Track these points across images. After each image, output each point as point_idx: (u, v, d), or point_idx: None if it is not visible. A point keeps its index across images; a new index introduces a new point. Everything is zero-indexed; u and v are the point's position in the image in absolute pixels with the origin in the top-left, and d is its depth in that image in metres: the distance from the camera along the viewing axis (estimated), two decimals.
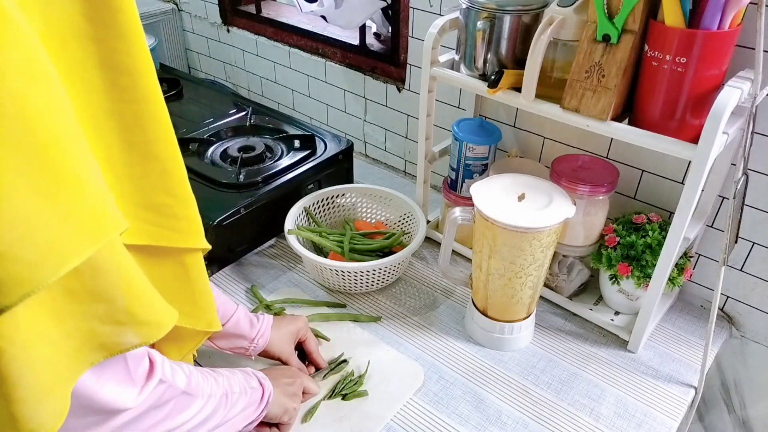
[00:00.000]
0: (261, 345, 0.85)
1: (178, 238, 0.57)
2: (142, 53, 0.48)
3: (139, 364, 0.54)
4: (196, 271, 0.62)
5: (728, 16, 0.71)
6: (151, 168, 0.52)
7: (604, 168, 0.96)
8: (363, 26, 1.38)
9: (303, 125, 1.36)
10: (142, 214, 0.53)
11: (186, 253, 0.59)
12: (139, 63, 0.48)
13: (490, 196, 0.85)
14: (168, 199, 0.54)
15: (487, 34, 0.90)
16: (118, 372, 0.51)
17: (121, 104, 0.48)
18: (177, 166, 0.55)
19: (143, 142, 0.51)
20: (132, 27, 0.46)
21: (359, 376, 0.89)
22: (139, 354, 0.54)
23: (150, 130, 0.51)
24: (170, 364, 0.60)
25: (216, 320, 0.68)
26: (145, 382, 0.55)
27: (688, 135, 0.78)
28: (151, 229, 0.54)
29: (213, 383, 0.65)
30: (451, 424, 0.84)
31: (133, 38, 0.46)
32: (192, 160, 1.20)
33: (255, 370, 0.75)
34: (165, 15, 1.82)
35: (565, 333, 1.00)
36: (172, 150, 0.53)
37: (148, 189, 0.52)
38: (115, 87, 0.47)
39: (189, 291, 0.62)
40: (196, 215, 0.59)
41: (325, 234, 1.11)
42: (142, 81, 0.48)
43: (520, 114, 1.14)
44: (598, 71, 0.79)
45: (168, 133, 0.52)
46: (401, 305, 1.05)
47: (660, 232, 0.92)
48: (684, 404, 0.89)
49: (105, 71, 0.46)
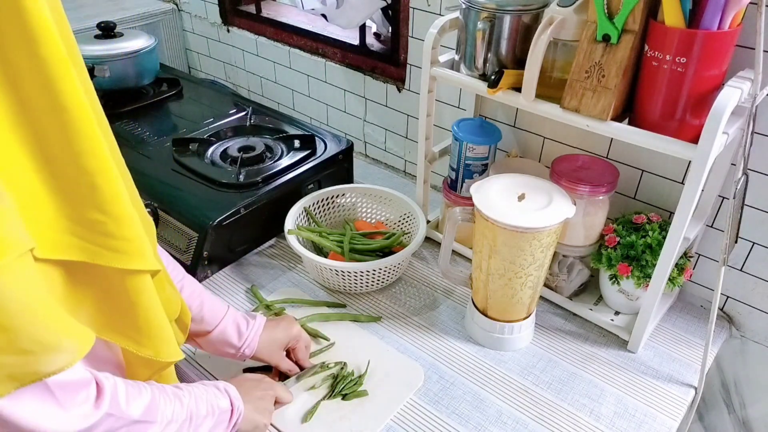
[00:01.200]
0: (248, 354, 0.84)
1: (114, 258, 0.52)
2: (54, 56, 0.43)
3: (77, 391, 0.51)
4: (137, 295, 0.56)
5: (728, 16, 0.71)
6: (80, 182, 0.48)
7: (604, 168, 0.96)
8: (363, 26, 1.38)
9: (303, 125, 1.36)
10: (74, 228, 0.49)
11: (126, 274, 0.55)
12: (51, 68, 0.43)
13: (490, 196, 0.85)
14: (100, 216, 0.50)
15: (487, 34, 0.89)
16: (41, 399, 0.48)
17: (34, 111, 0.44)
18: (108, 182, 0.50)
19: (68, 155, 0.47)
20: (39, 28, 0.41)
21: (359, 376, 0.89)
22: (76, 381, 0.51)
23: (74, 143, 0.47)
24: (127, 388, 0.57)
25: (166, 350, 0.62)
26: (91, 410, 0.52)
27: (688, 135, 0.78)
28: (85, 245, 0.50)
29: (176, 405, 0.62)
30: (451, 424, 0.84)
31: (41, 41, 0.42)
32: (192, 160, 1.21)
33: (228, 385, 0.72)
34: (165, 15, 1.82)
35: (565, 333, 1.00)
36: (102, 164, 0.49)
37: (78, 204, 0.49)
38: (23, 93, 0.43)
39: (130, 315, 0.57)
40: (135, 235, 0.54)
41: (325, 234, 1.11)
42: (56, 86, 0.44)
43: (520, 114, 1.14)
44: (598, 71, 0.79)
45: (96, 145, 0.48)
46: (401, 305, 1.05)
47: (660, 232, 0.92)
48: (684, 404, 0.89)
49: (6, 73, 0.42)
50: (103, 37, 1.44)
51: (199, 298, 0.81)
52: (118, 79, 1.43)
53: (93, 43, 1.41)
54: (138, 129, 1.35)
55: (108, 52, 1.40)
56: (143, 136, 1.31)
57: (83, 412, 0.51)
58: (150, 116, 1.42)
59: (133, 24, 1.70)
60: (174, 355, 0.63)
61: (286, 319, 0.91)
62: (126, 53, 1.42)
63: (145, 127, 1.35)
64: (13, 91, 0.43)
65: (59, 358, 0.47)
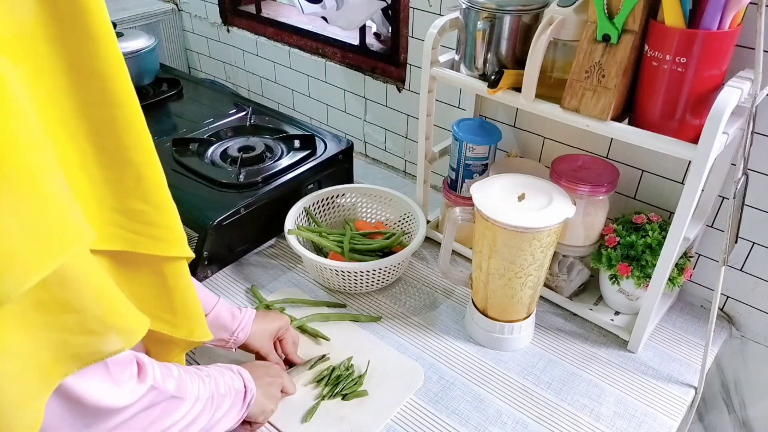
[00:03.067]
0: (241, 338, 0.85)
1: (155, 246, 0.56)
2: (112, 56, 0.47)
3: (125, 368, 0.54)
4: (175, 280, 0.60)
5: (728, 16, 0.71)
6: (126, 174, 0.51)
7: (604, 168, 0.96)
8: (363, 26, 1.38)
9: (303, 125, 1.36)
10: (118, 219, 0.52)
11: (165, 261, 0.58)
12: (109, 66, 0.47)
13: (490, 196, 0.85)
14: (144, 206, 0.54)
15: (487, 34, 0.90)
16: (100, 376, 0.51)
17: (91, 108, 0.47)
18: (153, 173, 0.54)
19: (116, 147, 0.50)
20: (101, 29, 0.45)
21: (359, 376, 0.89)
22: (124, 359, 0.54)
23: (123, 135, 0.50)
24: (160, 367, 0.59)
25: (200, 330, 0.66)
26: (136, 385, 0.54)
27: (688, 135, 0.78)
28: (127, 235, 0.53)
29: (200, 385, 0.65)
30: (451, 424, 0.84)
31: (102, 40, 0.46)
32: (192, 160, 1.20)
33: (241, 368, 0.75)
34: (165, 15, 1.82)
35: (565, 333, 1.00)
36: (148, 156, 0.53)
37: (123, 194, 0.52)
38: (85, 90, 0.46)
39: (167, 299, 0.60)
40: (175, 223, 0.58)
41: (325, 234, 1.11)
42: (113, 84, 0.47)
43: (520, 114, 1.14)
44: (598, 71, 0.79)
45: (143, 138, 0.52)
46: (401, 305, 1.05)
47: (660, 232, 0.92)
48: (684, 404, 0.89)
49: (73, 74, 0.45)
50: None
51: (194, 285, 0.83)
52: None
53: None
54: None
55: None
56: None
57: (131, 388, 0.54)
58: (150, 116, 1.38)
59: (133, 24, 1.70)
60: (206, 334, 0.67)
61: (274, 311, 0.95)
62: (126, 53, 1.42)
63: None
64: (78, 89, 0.46)
65: (120, 339, 0.50)
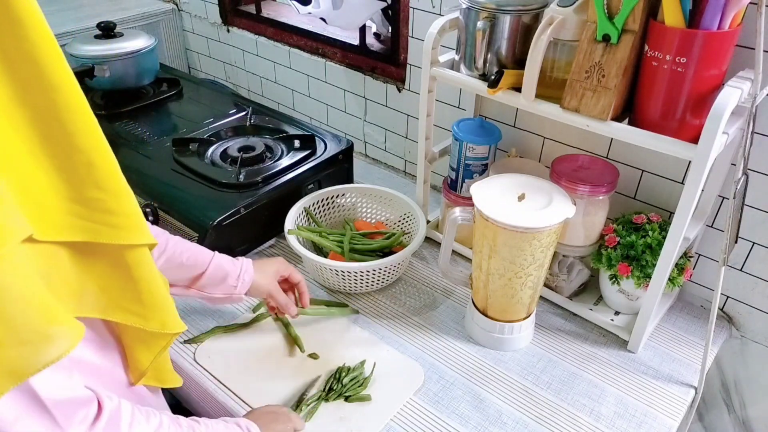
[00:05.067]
0: (248, 280, 0.85)
1: (115, 234, 0.54)
2: (43, 40, 0.45)
3: (77, 410, 0.51)
4: (140, 269, 0.58)
5: (728, 16, 0.71)
6: (76, 161, 0.50)
7: (604, 168, 0.96)
8: (363, 26, 1.38)
9: (303, 125, 1.36)
10: (74, 208, 0.50)
11: (127, 249, 0.56)
12: (41, 50, 0.45)
13: (490, 196, 0.85)
14: (99, 194, 0.52)
15: (487, 34, 0.90)
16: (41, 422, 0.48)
17: (29, 95, 0.46)
18: (104, 159, 0.52)
19: (62, 134, 0.48)
20: (26, 11, 0.44)
21: (364, 379, 0.89)
22: (75, 400, 0.51)
23: (67, 121, 0.48)
24: (133, 413, 0.56)
25: (172, 321, 0.63)
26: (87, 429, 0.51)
27: (688, 135, 0.78)
28: (86, 224, 0.52)
29: None
30: (451, 424, 0.84)
31: (31, 25, 0.44)
32: (192, 160, 1.20)
33: (250, 423, 0.70)
34: (165, 15, 1.82)
35: (565, 333, 1.00)
36: (96, 142, 0.51)
37: (76, 183, 0.50)
38: (19, 76, 0.45)
39: (133, 290, 0.58)
40: (133, 209, 0.56)
41: (325, 234, 1.11)
42: (48, 68, 0.46)
43: (520, 114, 1.14)
44: (598, 71, 0.79)
45: (89, 124, 0.50)
46: (401, 305, 1.05)
47: (660, 232, 0.92)
48: (684, 404, 0.89)
49: (5, 61, 0.44)
50: (103, 37, 1.43)
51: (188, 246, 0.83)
52: (118, 79, 1.43)
53: (93, 43, 1.41)
54: (138, 129, 1.34)
55: (108, 52, 1.40)
56: (143, 136, 1.31)
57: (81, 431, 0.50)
58: (150, 116, 1.42)
59: (133, 24, 1.70)
60: (179, 326, 0.65)
61: (265, 258, 0.95)
62: (126, 53, 1.42)
63: (145, 127, 1.35)
64: (12, 75, 0.45)
65: (55, 348, 0.47)
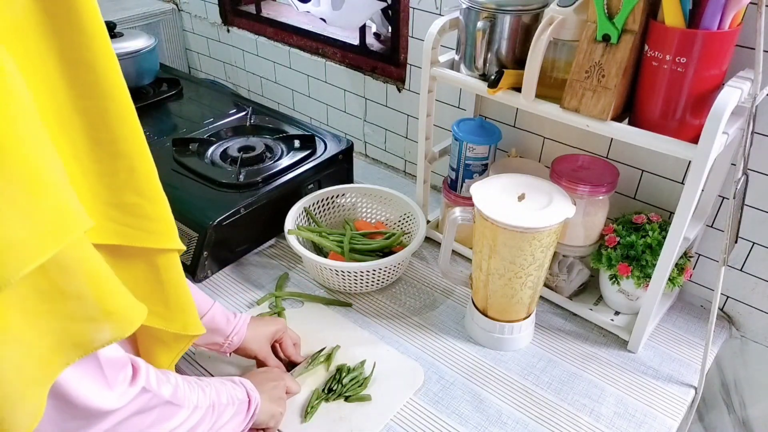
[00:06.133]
0: (236, 342, 0.85)
1: (149, 239, 0.56)
2: (103, 49, 0.47)
3: (119, 371, 0.53)
4: (168, 273, 0.60)
5: (728, 16, 0.71)
6: (119, 166, 0.51)
7: (604, 168, 0.96)
8: (363, 26, 1.38)
9: (303, 125, 1.36)
10: (111, 213, 0.52)
11: (158, 253, 0.58)
12: (100, 58, 0.47)
13: (490, 196, 0.85)
14: (137, 199, 0.54)
15: (487, 34, 0.90)
16: (94, 377, 0.51)
17: (85, 100, 0.47)
18: (145, 165, 0.54)
19: (109, 140, 0.50)
20: (92, 21, 0.46)
21: (364, 379, 0.89)
22: (119, 360, 0.54)
23: (116, 128, 0.50)
24: (156, 373, 0.59)
25: (194, 323, 0.66)
26: (128, 388, 0.54)
27: (688, 135, 0.78)
28: (120, 228, 0.53)
29: (200, 394, 0.64)
30: (451, 424, 0.84)
31: (93, 33, 0.46)
32: (192, 160, 1.20)
33: (242, 379, 0.74)
34: (165, 15, 1.81)
35: (565, 333, 1.00)
36: (140, 148, 0.53)
37: (116, 188, 0.52)
38: (78, 82, 0.46)
39: (160, 292, 0.60)
40: (167, 215, 0.58)
41: (325, 234, 1.11)
42: (105, 76, 0.48)
43: (520, 114, 1.14)
44: (598, 71, 0.79)
45: (135, 130, 0.52)
46: (401, 305, 1.05)
47: (660, 232, 0.92)
48: (684, 404, 0.89)
49: (66, 66, 0.45)
50: None
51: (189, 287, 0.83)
52: None
53: None
54: None
55: None
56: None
57: (122, 390, 0.53)
58: (150, 116, 1.42)
59: (133, 24, 1.70)
60: (199, 328, 0.67)
61: (270, 316, 0.95)
62: (126, 53, 1.42)
63: (145, 127, 1.32)
64: (72, 82, 0.46)
65: (117, 327, 0.49)
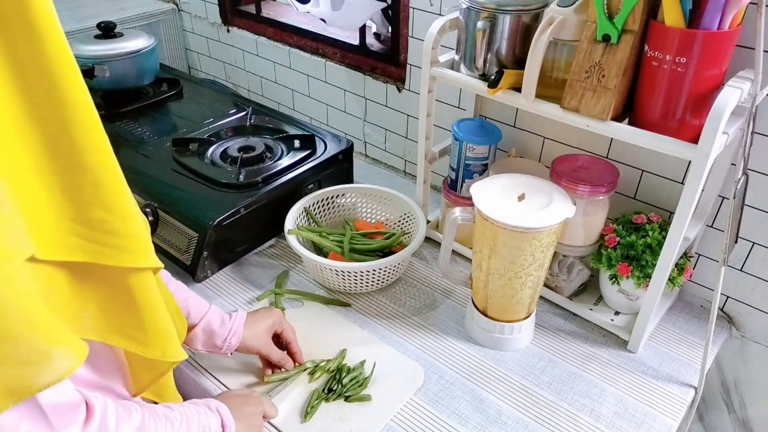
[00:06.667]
0: (234, 343, 0.84)
1: (119, 257, 0.52)
2: (60, 55, 0.44)
3: (68, 414, 0.50)
4: (143, 293, 0.56)
5: (728, 16, 0.71)
6: (84, 180, 0.48)
7: (604, 168, 0.96)
8: (363, 26, 1.38)
9: (303, 125, 1.36)
10: (78, 229, 0.49)
11: (131, 273, 0.54)
12: (57, 65, 0.44)
13: (490, 196, 0.85)
14: (105, 215, 0.50)
15: (487, 34, 0.90)
16: (36, 423, 0.47)
17: (41, 110, 0.45)
18: (113, 179, 0.50)
19: (72, 152, 0.47)
20: (47, 26, 0.43)
21: (364, 379, 0.89)
22: (68, 404, 0.50)
23: (78, 139, 0.47)
24: (117, 411, 0.56)
25: (173, 349, 0.62)
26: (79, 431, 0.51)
27: (688, 135, 0.78)
28: (89, 245, 0.50)
29: (168, 428, 0.61)
30: (451, 424, 0.84)
31: (49, 39, 0.43)
32: (192, 160, 1.20)
33: (219, 405, 0.71)
34: (165, 15, 1.82)
35: (565, 333, 1.00)
36: (106, 161, 0.49)
37: (82, 203, 0.49)
38: (33, 91, 0.44)
39: (135, 315, 0.57)
40: (139, 232, 0.54)
41: (325, 234, 1.11)
42: (63, 84, 0.45)
43: (520, 114, 1.14)
44: (598, 71, 0.79)
45: (99, 141, 0.49)
46: (401, 305, 1.05)
47: (660, 232, 0.92)
48: (684, 404, 0.89)
49: (20, 74, 0.43)
50: (103, 37, 1.43)
51: (185, 293, 0.83)
52: (118, 79, 1.43)
53: (93, 43, 1.41)
54: (138, 129, 1.35)
55: (108, 52, 1.40)
56: (143, 136, 1.31)
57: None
58: (150, 116, 1.42)
59: (133, 24, 1.70)
60: (179, 354, 0.63)
61: (264, 308, 0.93)
62: (126, 53, 1.42)
63: (145, 127, 1.35)
64: (25, 91, 0.44)
65: (57, 368, 0.46)
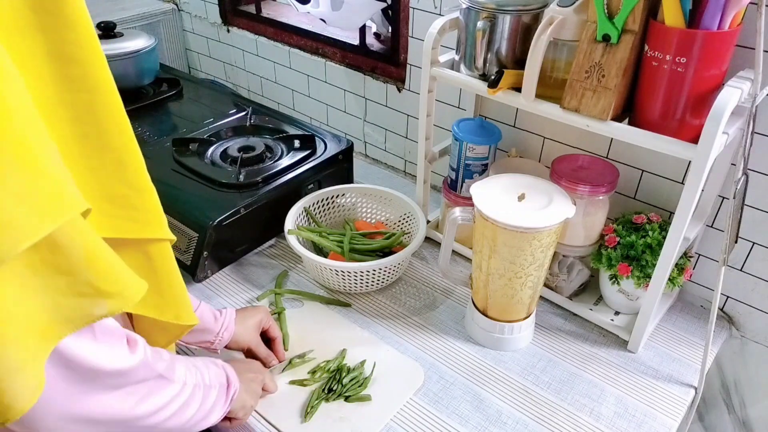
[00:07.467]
0: (226, 338, 0.85)
1: (138, 229, 0.57)
2: (90, 43, 0.48)
3: (114, 337, 0.55)
4: (160, 262, 0.61)
5: (728, 16, 0.71)
6: (107, 159, 0.52)
7: (604, 168, 0.96)
8: (363, 26, 1.38)
9: (303, 125, 1.36)
10: (102, 206, 0.53)
11: (149, 243, 0.59)
12: (88, 53, 0.48)
13: (490, 196, 0.85)
14: (126, 190, 0.55)
15: (487, 34, 0.90)
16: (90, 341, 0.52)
17: (72, 94, 0.48)
18: (133, 157, 0.55)
19: (97, 133, 0.51)
20: (79, 17, 0.47)
21: (364, 379, 0.89)
22: (115, 331, 0.55)
23: (103, 121, 0.51)
24: (150, 348, 0.61)
25: (187, 314, 0.67)
26: (128, 354, 0.55)
27: (688, 135, 0.78)
28: (111, 221, 0.54)
29: (188, 371, 0.66)
30: (451, 424, 0.84)
31: (80, 28, 0.47)
32: (192, 160, 1.20)
33: (224, 364, 0.75)
34: (165, 15, 1.81)
35: (565, 333, 1.00)
36: (127, 140, 0.54)
37: (105, 180, 0.53)
38: (66, 77, 0.48)
39: (153, 282, 0.61)
40: (155, 205, 0.59)
41: (325, 234, 1.11)
42: (92, 71, 0.49)
43: (520, 114, 1.14)
44: (598, 71, 0.79)
45: (122, 123, 0.53)
46: (401, 305, 1.05)
47: (660, 232, 0.92)
48: (684, 404, 0.89)
49: (54, 61, 0.47)
50: (103, 37, 1.43)
51: None
52: (118, 79, 1.36)
53: None
54: (138, 129, 1.34)
55: (108, 52, 1.40)
56: (143, 136, 1.31)
57: (123, 354, 0.55)
58: (150, 116, 1.42)
59: (133, 24, 1.70)
60: (192, 318, 0.68)
61: (252, 306, 0.96)
62: (126, 53, 1.42)
63: (145, 127, 1.35)
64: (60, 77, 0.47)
65: (110, 303, 0.50)
